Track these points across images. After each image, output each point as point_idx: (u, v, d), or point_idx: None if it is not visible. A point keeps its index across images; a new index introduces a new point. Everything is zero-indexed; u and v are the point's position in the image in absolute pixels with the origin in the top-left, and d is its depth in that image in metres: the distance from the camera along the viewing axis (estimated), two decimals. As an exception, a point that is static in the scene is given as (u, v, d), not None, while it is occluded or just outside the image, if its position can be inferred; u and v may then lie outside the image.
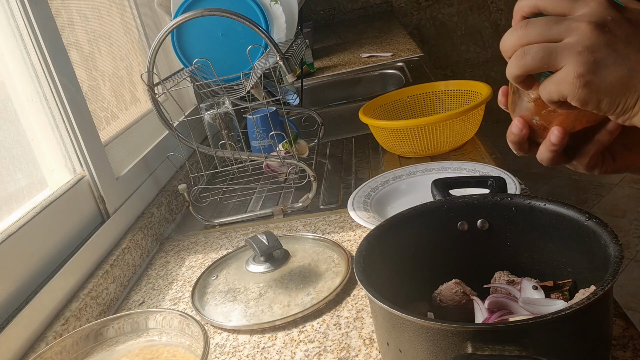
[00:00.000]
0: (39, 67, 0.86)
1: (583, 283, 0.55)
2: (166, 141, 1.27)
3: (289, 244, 0.87)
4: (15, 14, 0.83)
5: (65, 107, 0.89)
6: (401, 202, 0.97)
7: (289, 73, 0.97)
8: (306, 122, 1.45)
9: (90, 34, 1.11)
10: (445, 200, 0.64)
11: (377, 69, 2.01)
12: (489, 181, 0.67)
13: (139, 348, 0.60)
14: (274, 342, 0.69)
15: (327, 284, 0.76)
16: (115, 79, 1.18)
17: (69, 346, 0.59)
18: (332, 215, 1.00)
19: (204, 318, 0.75)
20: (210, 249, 0.98)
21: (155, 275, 0.93)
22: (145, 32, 1.38)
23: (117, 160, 1.06)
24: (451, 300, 0.58)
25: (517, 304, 0.55)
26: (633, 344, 0.56)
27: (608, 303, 0.48)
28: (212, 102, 1.20)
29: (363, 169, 1.19)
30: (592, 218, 0.53)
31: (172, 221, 1.15)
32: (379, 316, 0.52)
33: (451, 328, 0.44)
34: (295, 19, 1.20)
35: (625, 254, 2.21)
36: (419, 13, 3.56)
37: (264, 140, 1.21)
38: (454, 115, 1.07)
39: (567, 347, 0.45)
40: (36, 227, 0.78)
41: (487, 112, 1.19)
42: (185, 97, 1.53)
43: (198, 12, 0.96)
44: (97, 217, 0.95)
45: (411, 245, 0.63)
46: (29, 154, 0.86)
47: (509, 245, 0.62)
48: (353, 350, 0.64)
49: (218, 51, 1.08)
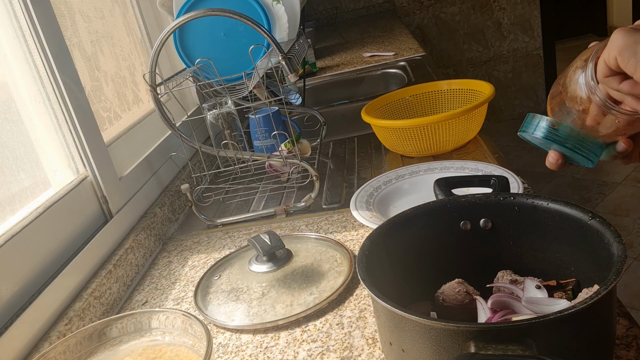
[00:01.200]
0: (41, 68, 0.86)
1: (586, 282, 0.55)
2: (169, 141, 1.27)
3: (291, 243, 0.87)
4: (18, 14, 0.83)
5: (68, 107, 0.89)
6: (404, 201, 0.96)
7: (291, 73, 0.97)
8: (308, 122, 1.45)
9: (93, 34, 1.11)
10: (448, 200, 0.64)
11: (380, 68, 2.01)
12: (492, 180, 0.66)
13: (142, 348, 0.60)
14: (276, 341, 0.69)
15: (330, 284, 0.76)
16: (117, 79, 1.18)
17: (72, 346, 0.59)
18: (334, 214, 1.00)
19: (207, 318, 0.76)
20: (213, 248, 0.98)
21: (158, 275, 0.94)
22: (148, 32, 1.38)
23: (120, 161, 1.06)
24: (454, 300, 0.58)
25: (520, 304, 0.55)
26: (637, 343, 0.55)
27: (611, 302, 0.48)
28: (215, 102, 1.20)
29: (365, 169, 1.18)
30: (595, 217, 0.53)
31: (175, 221, 1.15)
32: (382, 316, 0.52)
33: (454, 328, 0.44)
34: (297, 19, 1.20)
35: (628, 253, 2.20)
36: (422, 12, 3.56)
37: (266, 140, 1.21)
38: (456, 114, 1.06)
39: (570, 347, 0.45)
40: (39, 227, 0.78)
41: (490, 111, 1.18)
42: (188, 97, 1.53)
43: (200, 12, 0.96)
44: (100, 217, 0.95)
45: (414, 244, 0.62)
46: (32, 154, 0.86)
47: (512, 244, 0.62)
48: (356, 350, 0.64)
49: (220, 51, 1.08)
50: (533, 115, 0.57)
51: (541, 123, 0.56)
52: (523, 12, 3.57)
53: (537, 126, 0.56)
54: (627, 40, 0.47)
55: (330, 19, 3.45)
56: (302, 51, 1.23)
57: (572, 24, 5.27)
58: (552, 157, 0.56)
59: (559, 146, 0.55)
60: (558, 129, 0.55)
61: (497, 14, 3.57)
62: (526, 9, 3.56)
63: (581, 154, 0.54)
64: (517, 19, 3.58)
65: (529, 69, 3.68)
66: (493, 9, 3.56)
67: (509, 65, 3.67)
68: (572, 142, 0.55)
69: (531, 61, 3.67)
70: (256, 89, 1.25)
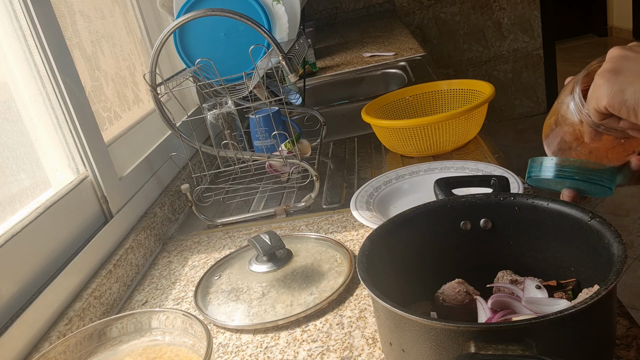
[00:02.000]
0: (42, 68, 0.86)
1: (586, 282, 0.55)
2: (169, 141, 1.27)
3: (291, 243, 0.87)
4: (19, 14, 0.83)
5: (69, 107, 0.89)
6: (404, 201, 0.96)
7: (291, 73, 0.97)
8: (309, 122, 1.45)
9: (93, 34, 1.11)
10: (448, 200, 0.64)
11: (380, 68, 2.01)
12: (492, 180, 0.66)
13: (142, 348, 0.60)
14: (277, 341, 0.69)
15: (330, 284, 0.76)
16: (118, 79, 1.18)
17: (72, 346, 0.59)
18: (334, 214, 1.00)
19: (207, 318, 0.76)
20: (213, 248, 0.98)
21: (158, 275, 0.94)
22: (148, 32, 1.38)
23: (120, 161, 1.06)
24: (454, 300, 0.58)
25: (520, 304, 0.55)
26: (637, 343, 0.55)
27: (612, 302, 0.48)
28: (215, 102, 1.20)
29: (365, 169, 1.18)
30: (595, 217, 0.53)
31: (175, 221, 1.15)
32: (382, 316, 0.52)
33: (454, 328, 0.44)
34: (297, 19, 1.20)
35: (628, 253, 2.20)
36: (422, 12, 3.56)
37: (266, 140, 1.21)
38: (456, 114, 1.06)
39: (570, 347, 0.45)
40: (39, 227, 0.78)
41: (490, 111, 1.18)
42: (188, 97, 1.53)
43: (200, 12, 0.96)
44: (101, 217, 0.95)
45: (414, 244, 0.62)
46: (32, 154, 0.86)
47: (512, 244, 0.62)
48: (356, 350, 0.64)
49: (220, 51, 1.08)
50: (534, 158, 0.57)
51: (545, 162, 0.55)
52: (523, 12, 3.57)
53: (543, 167, 0.55)
54: (612, 89, 0.47)
55: (330, 19, 3.45)
56: (302, 51, 1.23)
57: (572, 24, 5.28)
58: (566, 195, 0.55)
59: (571, 181, 0.54)
60: (565, 163, 0.54)
61: (497, 14, 3.57)
62: (526, 9, 3.56)
63: (595, 182, 0.53)
64: (517, 19, 3.58)
65: (529, 69, 3.69)
66: (493, 9, 3.56)
67: (509, 65, 3.67)
68: (582, 174, 0.53)
69: (531, 61, 3.67)
70: (256, 89, 1.25)
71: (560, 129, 0.56)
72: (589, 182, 0.54)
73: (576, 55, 4.92)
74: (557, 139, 0.56)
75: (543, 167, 0.56)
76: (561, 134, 0.56)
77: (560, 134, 0.56)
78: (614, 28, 5.20)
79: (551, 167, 0.55)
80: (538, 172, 0.56)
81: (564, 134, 0.55)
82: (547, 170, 0.55)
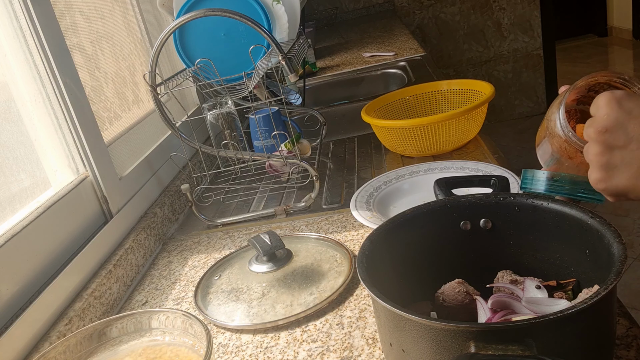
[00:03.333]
0: (42, 68, 0.86)
1: (586, 282, 0.55)
2: (169, 141, 1.27)
3: (291, 243, 0.87)
4: (19, 14, 0.83)
5: (69, 107, 0.89)
6: (404, 201, 0.96)
7: (291, 73, 0.97)
8: (309, 122, 1.45)
9: (93, 34, 1.11)
10: (448, 200, 0.64)
11: (380, 68, 2.01)
12: (492, 180, 0.66)
13: (142, 348, 0.60)
14: (276, 341, 0.69)
15: (330, 284, 0.76)
16: (118, 79, 1.18)
17: (72, 346, 0.59)
18: (334, 214, 1.00)
19: (207, 318, 0.76)
20: (213, 248, 0.98)
21: (158, 275, 0.94)
22: (148, 32, 1.38)
23: (120, 161, 1.06)
24: (454, 300, 0.58)
25: (520, 304, 0.55)
26: (637, 343, 0.55)
27: (612, 302, 0.48)
28: (215, 102, 1.20)
29: (365, 169, 1.18)
30: (595, 217, 0.53)
31: (175, 221, 1.15)
32: (382, 316, 0.52)
33: (454, 328, 0.44)
34: (297, 19, 1.20)
35: (628, 253, 2.20)
36: (422, 12, 3.56)
37: (266, 140, 1.21)
38: (456, 114, 1.06)
39: (570, 347, 0.45)
40: (39, 227, 0.78)
41: (490, 111, 1.18)
42: (188, 97, 1.53)
43: (200, 12, 0.96)
44: (101, 217, 0.95)
45: (414, 244, 0.62)
46: (32, 154, 0.86)
47: (512, 244, 0.62)
48: (356, 350, 0.64)
49: (220, 51, 1.08)
50: (527, 170, 0.59)
51: (537, 176, 0.58)
52: (523, 12, 3.57)
53: (534, 180, 0.59)
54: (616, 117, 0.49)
55: (330, 19, 3.45)
56: (302, 51, 1.23)
57: (572, 24, 5.28)
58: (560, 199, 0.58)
59: (562, 194, 0.57)
60: (556, 177, 0.57)
61: (497, 14, 3.57)
62: (526, 9, 3.56)
63: (585, 195, 0.56)
64: (517, 19, 3.58)
65: (529, 69, 3.68)
66: (493, 9, 3.56)
67: (509, 65, 3.67)
68: (572, 189, 0.57)
69: (531, 61, 3.67)
70: (256, 89, 1.25)
71: (548, 142, 0.58)
72: (579, 195, 0.56)
73: (576, 55, 4.92)
74: (548, 151, 0.59)
75: (535, 180, 0.59)
76: (550, 146, 0.58)
77: (549, 147, 0.58)
78: (614, 28, 5.21)
79: (542, 182, 0.58)
80: (530, 185, 0.59)
81: (552, 147, 0.57)
82: (538, 184, 0.59)
